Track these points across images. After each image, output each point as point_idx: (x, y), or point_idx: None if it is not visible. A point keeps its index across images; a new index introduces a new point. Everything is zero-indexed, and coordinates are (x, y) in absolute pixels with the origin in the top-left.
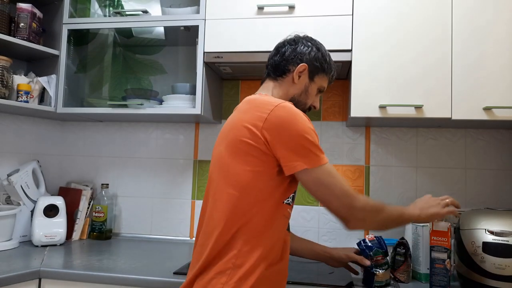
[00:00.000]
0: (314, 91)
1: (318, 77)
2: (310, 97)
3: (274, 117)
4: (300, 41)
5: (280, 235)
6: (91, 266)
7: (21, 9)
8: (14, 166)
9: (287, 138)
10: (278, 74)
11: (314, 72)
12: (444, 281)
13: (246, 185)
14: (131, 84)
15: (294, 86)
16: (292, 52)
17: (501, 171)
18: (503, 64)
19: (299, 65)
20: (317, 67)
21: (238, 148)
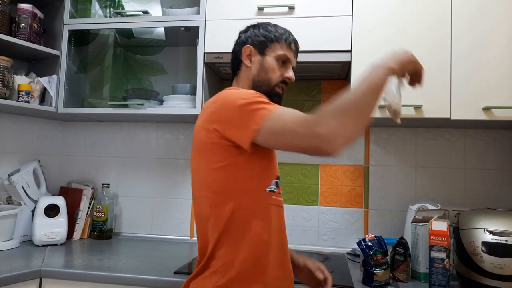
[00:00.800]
0: (272, 64)
1: (270, 49)
2: (271, 70)
3: (217, 105)
4: (241, 32)
5: (273, 224)
6: (91, 266)
7: (22, 9)
8: (15, 166)
9: (229, 112)
10: (236, 70)
11: (261, 47)
12: (443, 281)
13: (219, 184)
14: (132, 84)
15: (250, 70)
16: (237, 46)
17: (500, 171)
18: (502, 64)
19: (242, 49)
20: (262, 41)
21: (201, 150)
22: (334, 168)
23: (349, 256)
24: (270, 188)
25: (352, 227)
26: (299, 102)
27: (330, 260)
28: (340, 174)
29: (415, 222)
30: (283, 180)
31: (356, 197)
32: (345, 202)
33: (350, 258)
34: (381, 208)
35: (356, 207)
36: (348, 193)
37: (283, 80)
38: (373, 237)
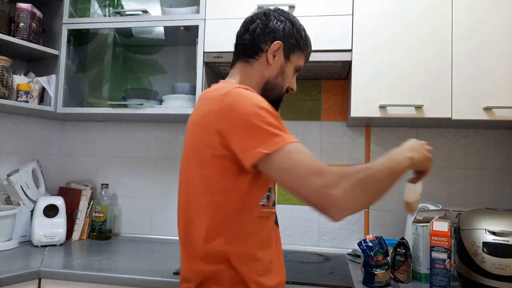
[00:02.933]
0: (291, 72)
1: (295, 56)
2: (287, 78)
3: (224, 106)
4: (271, 14)
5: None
6: (91, 266)
7: (21, 9)
8: (14, 166)
9: (238, 124)
10: (249, 55)
11: (289, 50)
12: (444, 281)
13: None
14: (131, 84)
15: (269, 68)
16: (264, 29)
17: (501, 171)
18: (503, 64)
19: (273, 43)
20: (293, 44)
21: (194, 152)
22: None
23: (349, 257)
24: (262, 202)
25: (353, 228)
26: (299, 102)
27: (331, 260)
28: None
29: (416, 223)
30: None
31: None
32: None
33: (350, 259)
34: (381, 208)
35: None
36: None
37: (287, 89)
38: (373, 238)
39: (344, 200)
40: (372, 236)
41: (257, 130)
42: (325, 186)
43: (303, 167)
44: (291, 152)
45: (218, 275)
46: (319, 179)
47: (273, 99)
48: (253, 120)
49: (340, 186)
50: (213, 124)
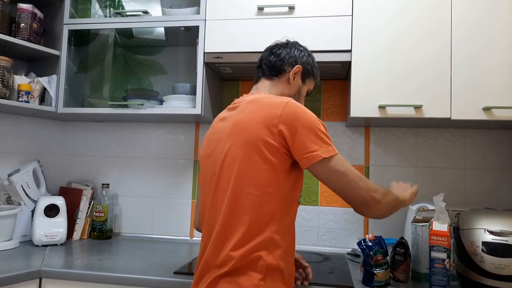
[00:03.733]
0: (304, 93)
1: (309, 80)
2: (301, 98)
3: (288, 113)
4: (293, 45)
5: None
6: (91, 266)
7: (21, 9)
8: (14, 166)
9: (303, 130)
10: (273, 74)
11: (306, 74)
12: (443, 281)
13: (267, 184)
14: (132, 84)
15: (289, 87)
16: (288, 54)
17: (500, 171)
18: (502, 64)
19: (295, 67)
20: (309, 70)
21: (256, 147)
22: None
23: (349, 256)
24: (299, 199)
25: (352, 227)
26: None
27: (330, 260)
28: None
29: (415, 222)
30: None
31: None
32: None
33: (350, 258)
34: None
35: None
36: None
37: None
38: (373, 237)
39: (379, 203)
40: (371, 235)
41: (317, 137)
42: (370, 190)
43: (353, 173)
44: (342, 160)
45: (256, 261)
46: (366, 184)
47: None
48: (314, 128)
49: (378, 193)
50: (276, 125)
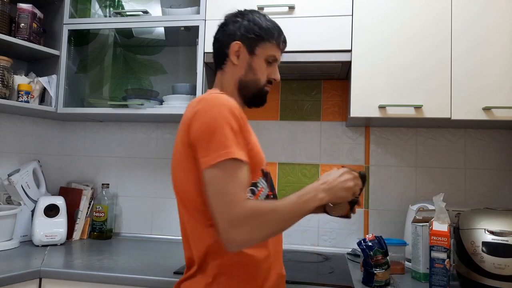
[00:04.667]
0: (261, 64)
1: (260, 48)
2: (259, 71)
3: (195, 113)
4: (229, 20)
5: None
6: (91, 266)
7: (21, 9)
8: (14, 166)
9: (199, 131)
10: (221, 63)
11: (251, 45)
12: (443, 281)
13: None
14: (132, 84)
15: (236, 68)
16: (224, 36)
17: (501, 171)
18: (502, 64)
19: (231, 45)
20: (252, 38)
21: (178, 158)
22: (334, 168)
23: (349, 256)
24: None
25: (352, 227)
26: (299, 102)
27: (330, 260)
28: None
29: (415, 222)
30: (283, 180)
31: None
32: None
33: (350, 258)
34: (381, 208)
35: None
36: None
37: (269, 81)
38: (373, 237)
39: (240, 241)
40: (371, 235)
41: (210, 140)
42: (231, 222)
43: (224, 192)
44: (223, 170)
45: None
46: (228, 212)
47: (255, 95)
48: (209, 132)
49: (243, 228)
50: (187, 130)
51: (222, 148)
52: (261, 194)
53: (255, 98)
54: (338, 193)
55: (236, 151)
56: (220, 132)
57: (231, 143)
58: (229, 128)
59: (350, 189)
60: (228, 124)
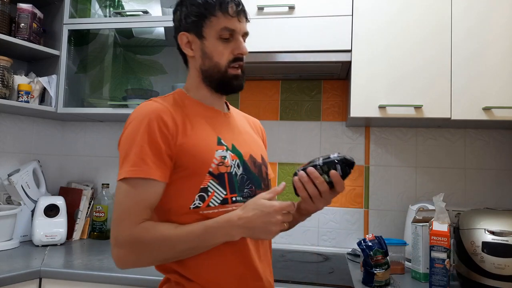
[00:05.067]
0: (215, 45)
1: (207, 27)
2: (215, 54)
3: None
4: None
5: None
6: (91, 266)
7: (21, 9)
8: (14, 166)
9: (119, 144)
10: (184, 61)
11: (197, 29)
12: (443, 281)
13: None
14: (132, 84)
15: (195, 60)
16: (174, 32)
17: (501, 171)
18: (502, 64)
19: (178, 39)
20: (195, 20)
21: None
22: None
23: (349, 256)
24: (194, 204)
25: (352, 227)
26: (300, 102)
27: (330, 260)
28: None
29: (415, 222)
30: (283, 180)
31: (356, 197)
32: (345, 202)
33: (350, 258)
34: (381, 208)
35: (356, 207)
36: (348, 193)
37: (235, 58)
38: (373, 237)
39: (123, 262)
40: (371, 235)
41: (120, 156)
42: (115, 240)
43: (116, 210)
44: (120, 189)
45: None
46: (116, 231)
47: (221, 82)
48: (120, 148)
49: (125, 250)
50: None
51: (129, 165)
52: (213, 199)
53: (222, 86)
54: (255, 234)
55: (144, 170)
56: (131, 148)
57: (139, 161)
58: (141, 145)
59: (271, 233)
60: (142, 139)
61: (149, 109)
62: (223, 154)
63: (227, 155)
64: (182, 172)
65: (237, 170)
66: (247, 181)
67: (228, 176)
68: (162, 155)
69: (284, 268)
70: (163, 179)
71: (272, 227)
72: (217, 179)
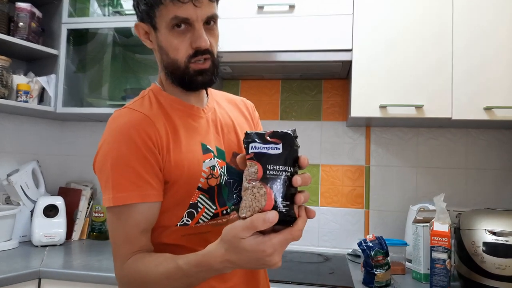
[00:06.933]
0: (168, 38)
1: (158, 17)
2: (170, 48)
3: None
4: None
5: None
6: (90, 266)
7: (20, 8)
8: (13, 166)
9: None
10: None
11: (150, 19)
12: (444, 281)
13: None
14: (131, 83)
15: (155, 53)
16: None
17: (502, 171)
18: (504, 64)
19: (134, 30)
20: (145, 10)
21: None
22: (334, 168)
23: (349, 257)
24: (182, 221)
25: (353, 228)
26: (300, 102)
27: (331, 260)
28: (340, 174)
29: (416, 223)
30: None
31: (357, 198)
32: (345, 202)
33: (350, 259)
34: (382, 208)
35: (357, 208)
36: (349, 194)
37: (195, 52)
38: (374, 238)
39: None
40: (372, 236)
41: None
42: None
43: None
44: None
45: None
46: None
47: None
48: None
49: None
50: None
51: (112, 191)
52: (203, 216)
53: (184, 83)
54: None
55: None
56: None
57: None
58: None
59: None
60: (123, 158)
61: (128, 120)
62: (211, 164)
63: (215, 164)
64: (170, 189)
65: (226, 177)
66: (235, 185)
67: (217, 189)
68: (155, 171)
69: (284, 268)
70: (157, 198)
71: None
72: (207, 194)
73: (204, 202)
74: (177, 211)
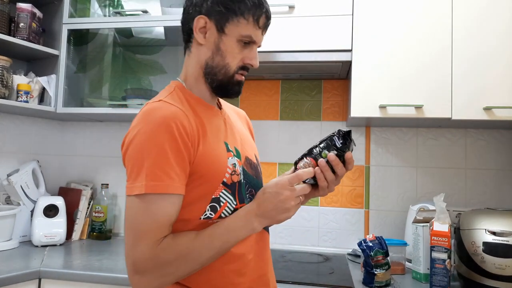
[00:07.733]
0: (233, 46)
1: (231, 25)
2: (229, 55)
3: (128, 133)
4: None
5: None
6: (91, 266)
7: (21, 9)
8: (14, 166)
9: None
10: (185, 40)
11: (220, 21)
12: (444, 281)
13: None
14: (131, 84)
15: (203, 49)
16: (190, 6)
17: (502, 171)
18: (503, 64)
19: (195, 20)
20: (222, 12)
21: None
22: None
23: (349, 257)
24: (205, 215)
25: (353, 228)
26: (300, 102)
27: (331, 260)
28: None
29: (416, 223)
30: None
31: (357, 198)
32: (345, 202)
33: (350, 259)
34: (381, 208)
35: (357, 208)
36: (349, 194)
37: (244, 66)
38: (374, 238)
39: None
40: (372, 236)
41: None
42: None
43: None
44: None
45: None
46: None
47: (222, 84)
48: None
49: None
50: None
51: (149, 179)
52: (225, 210)
53: (222, 88)
54: (276, 217)
55: (167, 184)
56: (148, 158)
57: (161, 174)
58: (160, 154)
59: (290, 209)
60: (162, 148)
61: (165, 113)
62: (233, 162)
63: (236, 162)
64: (195, 181)
65: (243, 177)
66: (246, 185)
67: (238, 186)
68: (185, 165)
69: (284, 268)
70: (183, 192)
71: (288, 202)
72: (229, 189)
73: (226, 197)
74: (200, 204)
